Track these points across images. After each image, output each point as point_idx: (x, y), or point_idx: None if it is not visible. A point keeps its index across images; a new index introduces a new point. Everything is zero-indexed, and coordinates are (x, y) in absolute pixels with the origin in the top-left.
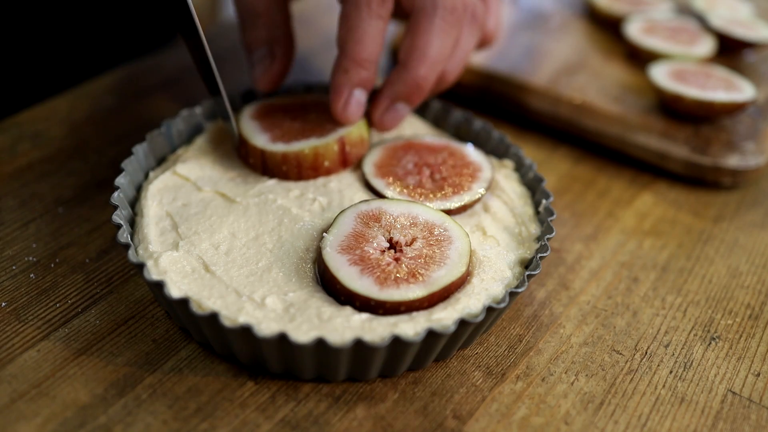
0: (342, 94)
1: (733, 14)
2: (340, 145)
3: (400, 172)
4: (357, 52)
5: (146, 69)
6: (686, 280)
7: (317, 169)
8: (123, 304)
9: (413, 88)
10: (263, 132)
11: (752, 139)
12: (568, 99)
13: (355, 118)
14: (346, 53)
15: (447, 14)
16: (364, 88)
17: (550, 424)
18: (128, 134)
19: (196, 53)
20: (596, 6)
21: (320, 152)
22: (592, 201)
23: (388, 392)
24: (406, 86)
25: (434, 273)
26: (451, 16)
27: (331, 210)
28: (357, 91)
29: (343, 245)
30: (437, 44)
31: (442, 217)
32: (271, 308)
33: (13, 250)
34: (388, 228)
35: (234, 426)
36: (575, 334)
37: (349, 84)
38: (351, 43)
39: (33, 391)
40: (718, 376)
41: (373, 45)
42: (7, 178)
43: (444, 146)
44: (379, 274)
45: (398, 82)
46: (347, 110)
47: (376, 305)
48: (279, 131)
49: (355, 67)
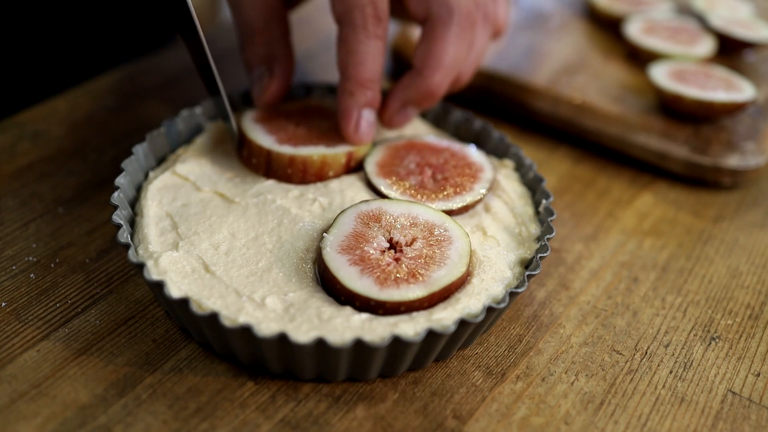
0: (351, 117)
1: (733, 14)
2: (347, 158)
3: (402, 171)
4: (359, 73)
5: (146, 69)
6: (686, 280)
7: (321, 177)
8: (123, 304)
9: (427, 94)
10: (269, 134)
11: (752, 139)
12: (568, 99)
13: (367, 139)
14: (349, 76)
15: (463, 20)
16: (372, 107)
17: (550, 424)
18: (128, 134)
19: (195, 53)
20: (596, 6)
21: (328, 161)
22: (592, 201)
23: (388, 392)
24: (420, 93)
25: (434, 273)
26: (467, 21)
27: (331, 210)
28: (365, 111)
29: (343, 245)
30: (453, 51)
31: (443, 217)
32: (271, 308)
33: (13, 250)
34: (389, 228)
35: (234, 426)
36: (575, 334)
37: (357, 106)
38: (352, 66)
39: (33, 391)
40: (718, 376)
41: (374, 65)
42: (7, 178)
43: (446, 146)
44: (379, 274)
45: (412, 88)
46: (359, 132)
47: (376, 305)
48: (284, 134)
49: (360, 88)
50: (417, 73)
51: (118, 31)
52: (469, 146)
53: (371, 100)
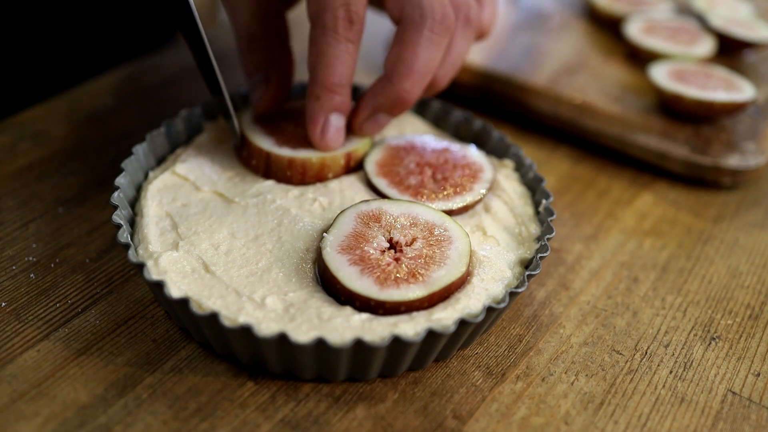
0: (317, 122)
1: (733, 14)
2: (346, 159)
3: (402, 171)
4: (327, 77)
5: (146, 69)
6: (686, 280)
7: (321, 178)
8: (123, 304)
9: (396, 101)
10: (268, 136)
11: (752, 139)
12: (568, 99)
13: (335, 145)
14: (316, 79)
15: (436, 25)
16: (340, 112)
17: (550, 424)
18: (128, 134)
19: (197, 52)
20: (596, 6)
21: (327, 163)
22: (592, 201)
23: (388, 392)
24: (389, 100)
25: (434, 273)
26: (441, 25)
27: (331, 210)
28: (333, 116)
29: (343, 245)
30: (424, 57)
31: (442, 217)
32: (271, 308)
33: (13, 250)
34: (388, 228)
35: (234, 426)
36: (575, 334)
37: (323, 111)
38: (320, 68)
39: (33, 391)
40: (718, 376)
41: (343, 69)
42: (7, 178)
43: (446, 146)
44: (379, 274)
45: (381, 94)
46: (325, 138)
47: (376, 305)
48: (284, 137)
49: (327, 93)
50: (387, 78)
51: (118, 31)
52: (469, 146)
53: (339, 104)
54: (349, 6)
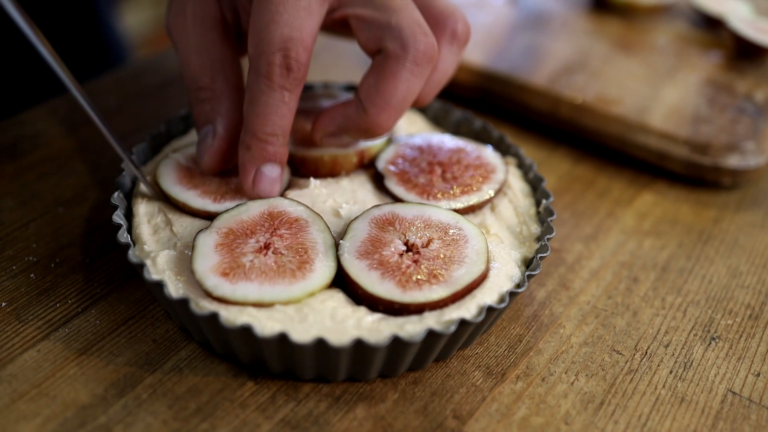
0: (248, 173)
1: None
2: (359, 158)
3: (412, 170)
4: (258, 126)
5: (146, 69)
6: (686, 280)
7: (334, 175)
8: (123, 304)
9: (368, 131)
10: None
11: (752, 139)
12: (568, 99)
13: (269, 195)
14: (247, 128)
15: (419, 56)
16: (274, 162)
17: (550, 424)
18: (128, 134)
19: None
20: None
21: (339, 161)
22: (592, 201)
23: (388, 392)
24: (360, 128)
25: (455, 272)
26: (424, 56)
27: (340, 207)
28: (266, 168)
29: (361, 250)
30: (403, 90)
31: (455, 216)
32: (280, 308)
33: (13, 250)
34: (404, 231)
35: (234, 426)
36: (575, 334)
37: (253, 162)
38: (252, 117)
39: (33, 391)
40: (718, 376)
41: (276, 119)
42: (7, 178)
43: (461, 146)
44: (400, 277)
45: (352, 120)
46: (257, 189)
47: (400, 308)
48: (298, 135)
49: (258, 143)
50: (361, 106)
51: (118, 32)
52: (485, 147)
53: (272, 155)
54: (288, 52)
